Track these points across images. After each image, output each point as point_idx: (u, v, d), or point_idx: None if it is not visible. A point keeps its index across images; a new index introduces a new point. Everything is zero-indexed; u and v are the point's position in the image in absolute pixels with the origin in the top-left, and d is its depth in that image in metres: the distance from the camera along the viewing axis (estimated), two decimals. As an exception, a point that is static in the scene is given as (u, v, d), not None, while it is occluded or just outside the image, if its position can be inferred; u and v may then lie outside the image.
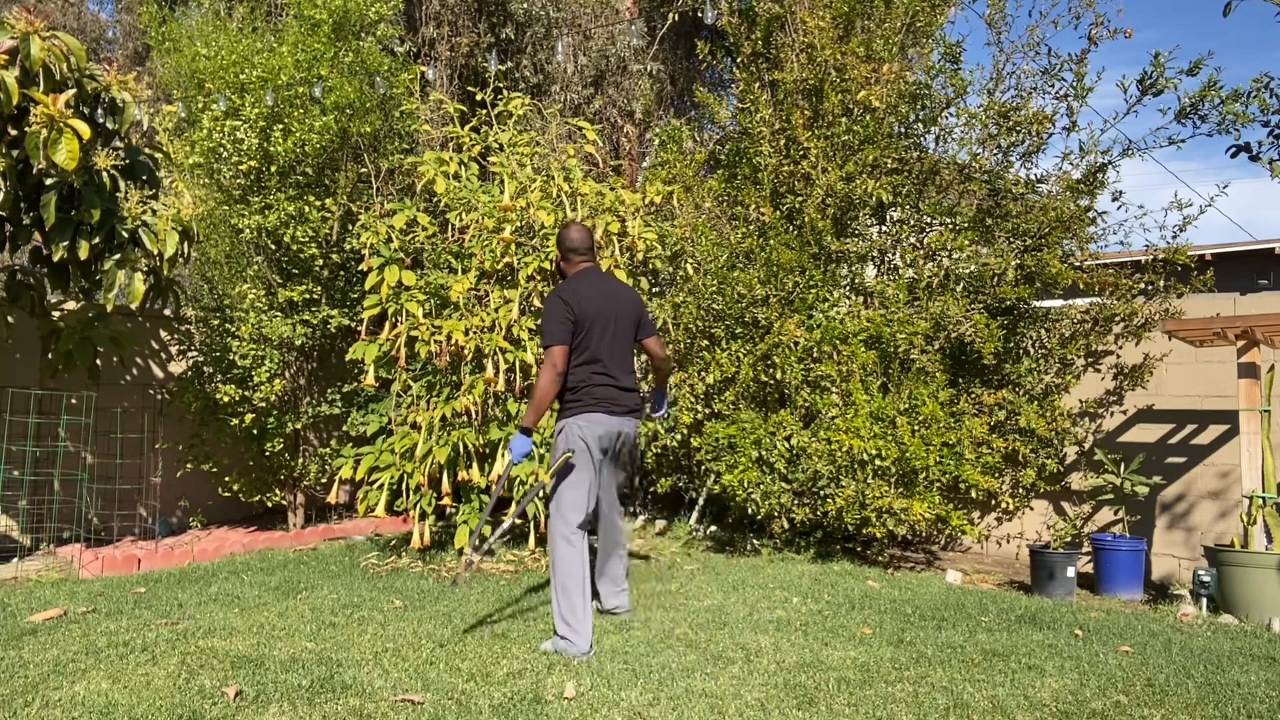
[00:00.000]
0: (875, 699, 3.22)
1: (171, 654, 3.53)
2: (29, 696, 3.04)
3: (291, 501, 6.95)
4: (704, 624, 4.23)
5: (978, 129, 6.52)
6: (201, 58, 6.47)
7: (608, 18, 11.14)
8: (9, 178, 5.01)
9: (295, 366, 6.81)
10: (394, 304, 5.63)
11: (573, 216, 5.81)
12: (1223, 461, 5.96)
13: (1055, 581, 5.41)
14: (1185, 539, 6.07)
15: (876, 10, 6.70)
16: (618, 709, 3.07)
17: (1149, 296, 6.41)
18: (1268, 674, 3.61)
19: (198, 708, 2.98)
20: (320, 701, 3.07)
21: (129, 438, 6.45)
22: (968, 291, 6.42)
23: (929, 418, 5.82)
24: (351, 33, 6.69)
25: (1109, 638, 4.23)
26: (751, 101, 6.86)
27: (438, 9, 10.20)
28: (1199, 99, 5.98)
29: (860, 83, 6.39)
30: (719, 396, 6.39)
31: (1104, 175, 6.34)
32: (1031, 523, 6.63)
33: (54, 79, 4.98)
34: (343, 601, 4.52)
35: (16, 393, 6.00)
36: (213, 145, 6.32)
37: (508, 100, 6.30)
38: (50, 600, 4.52)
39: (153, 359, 7.08)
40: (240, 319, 6.42)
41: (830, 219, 6.41)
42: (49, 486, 6.09)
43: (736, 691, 3.26)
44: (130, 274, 5.49)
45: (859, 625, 4.30)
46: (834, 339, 6.05)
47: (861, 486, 5.74)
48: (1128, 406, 6.39)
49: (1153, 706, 3.19)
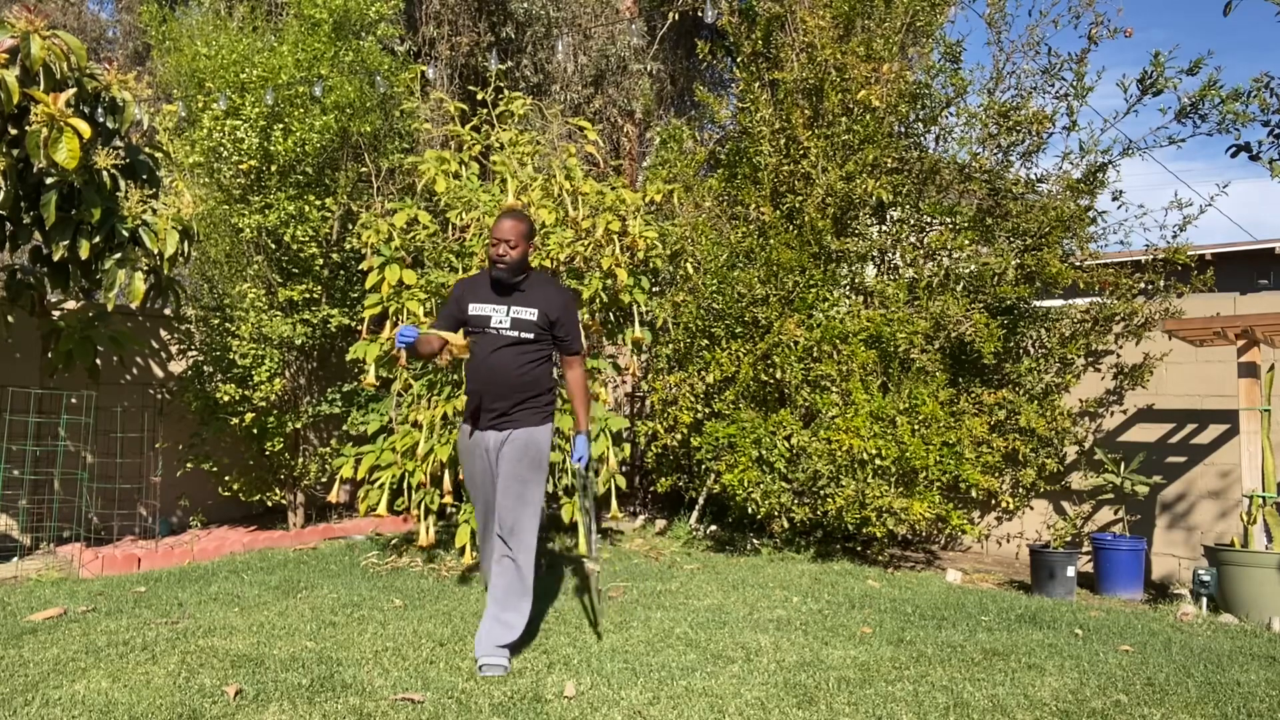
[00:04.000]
0: (875, 698, 3.22)
1: (171, 653, 3.53)
2: (29, 695, 3.04)
3: (292, 501, 6.95)
4: (704, 623, 4.23)
5: (978, 128, 6.52)
6: (202, 57, 6.47)
7: (608, 17, 11.14)
8: (9, 177, 5.00)
9: (295, 366, 6.81)
10: (395, 303, 5.62)
11: (574, 215, 5.81)
12: (1223, 461, 5.96)
13: (1055, 581, 5.41)
14: (1185, 538, 6.07)
15: (876, 10, 6.70)
16: (618, 708, 3.07)
17: (1149, 296, 6.41)
18: (1268, 673, 3.61)
19: (198, 706, 2.98)
20: (320, 700, 3.07)
21: (129, 437, 6.45)
22: (968, 291, 6.42)
23: (929, 417, 5.82)
24: (352, 32, 6.69)
25: (1109, 637, 4.23)
26: (751, 101, 6.86)
27: (438, 8, 10.20)
28: (1199, 98, 5.98)
29: (860, 82, 6.39)
30: (719, 396, 6.39)
31: (1104, 175, 6.34)
32: (1031, 522, 6.63)
33: (54, 78, 4.98)
34: (343, 600, 4.52)
35: (16, 392, 6.00)
36: (213, 144, 6.32)
37: (508, 100, 6.29)
38: (50, 599, 4.52)
39: (153, 358, 7.08)
40: (240, 318, 6.41)
41: (830, 218, 6.41)
42: (49, 486, 6.08)
43: (736, 690, 3.26)
44: (130, 273, 5.48)
45: (859, 624, 4.30)
46: (834, 338, 6.04)
47: (861, 486, 5.74)
48: (1128, 406, 6.39)
49: (1153, 706, 3.19)
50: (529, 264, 3.79)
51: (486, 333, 3.67)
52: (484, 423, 3.68)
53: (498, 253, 3.65)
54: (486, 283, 3.75)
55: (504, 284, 3.70)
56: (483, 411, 3.67)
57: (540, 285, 3.78)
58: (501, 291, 3.71)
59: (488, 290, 3.73)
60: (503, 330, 3.66)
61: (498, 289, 3.71)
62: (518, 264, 3.67)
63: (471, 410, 3.73)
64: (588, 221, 5.78)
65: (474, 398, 3.70)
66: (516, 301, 3.68)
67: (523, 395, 3.66)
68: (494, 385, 3.64)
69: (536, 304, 3.68)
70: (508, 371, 3.64)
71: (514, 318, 3.66)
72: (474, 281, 3.85)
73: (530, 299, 3.70)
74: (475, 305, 3.71)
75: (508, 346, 3.65)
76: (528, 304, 3.68)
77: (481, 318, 3.69)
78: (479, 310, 3.70)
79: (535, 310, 3.67)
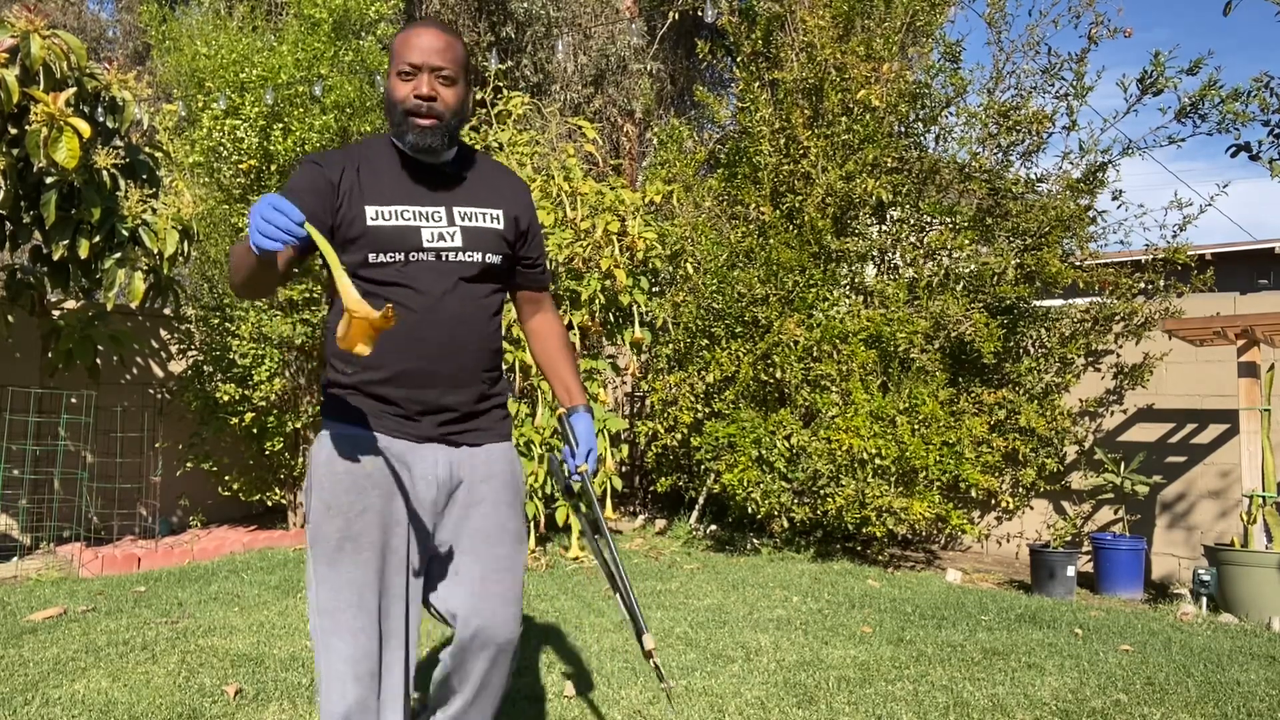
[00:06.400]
0: (875, 697, 3.22)
1: (171, 652, 3.53)
2: (29, 694, 3.04)
3: (292, 500, 6.95)
4: (704, 623, 4.23)
5: (978, 128, 6.52)
6: (202, 57, 6.47)
7: (608, 17, 11.14)
8: (9, 176, 5.00)
9: (295, 365, 6.81)
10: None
11: (572, 216, 5.81)
12: (1223, 461, 5.96)
13: (1055, 580, 5.41)
14: (1185, 538, 6.07)
15: (876, 10, 6.70)
16: (617, 708, 3.07)
17: (1149, 296, 6.41)
18: (1268, 673, 3.61)
19: (197, 706, 2.98)
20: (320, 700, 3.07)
21: (129, 437, 6.45)
22: (968, 291, 6.42)
23: (929, 417, 5.82)
24: (351, 31, 6.69)
25: (1109, 637, 4.23)
26: (751, 101, 6.86)
27: (438, 8, 10.20)
28: (1199, 98, 5.98)
29: (860, 82, 6.39)
30: (719, 396, 6.39)
31: (1104, 174, 6.34)
32: (1031, 522, 6.63)
33: (54, 77, 4.98)
34: (343, 600, 4.52)
35: (17, 391, 5.99)
36: (213, 144, 6.32)
37: (508, 99, 6.30)
38: (50, 599, 4.52)
39: (153, 358, 7.08)
40: (240, 318, 6.42)
41: (830, 218, 6.41)
42: (49, 485, 6.08)
43: (736, 690, 3.26)
44: (130, 273, 5.48)
45: (859, 624, 4.30)
46: (834, 338, 6.04)
47: (861, 486, 5.74)
48: (1128, 406, 6.39)
49: (1152, 705, 3.19)
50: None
51: (416, 260, 1.91)
52: (416, 429, 1.94)
53: (421, 93, 1.87)
54: (394, 165, 1.96)
55: (434, 166, 1.97)
56: (411, 405, 1.93)
57: (487, 170, 2.08)
58: (433, 181, 1.97)
59: (400, 179, 1.95)
60: (449, 254, 1.93)
61: (423, 175, 1.96)
62: (455, 122, 1.92)
63: (372, 398, 1.94)
64: (587, 222, 5.78)
65: (395, 379, 1.92)
66: (462, 199, 1.98)
67: (493, 377, 2.03)
68: (446, 359, 1.93)
69: (496, 201, 2.02)
70: (469, 331, 1.96)
71: (464, 228, 1.95)
72: (360, 158, 1.95)
73: (483, 193, 2.02)
74: (383, 207, 1.90)
75: (465, 284, 1.95)
76: (482, 202, 2.00)
77: (402, 232, 1.90)
78: (395, 218, 1.90)
79: (498, 213, 2.01)
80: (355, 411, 1.94)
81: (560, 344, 2.22)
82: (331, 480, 1.91)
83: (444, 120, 1.91)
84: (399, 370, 1.92)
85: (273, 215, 1.56)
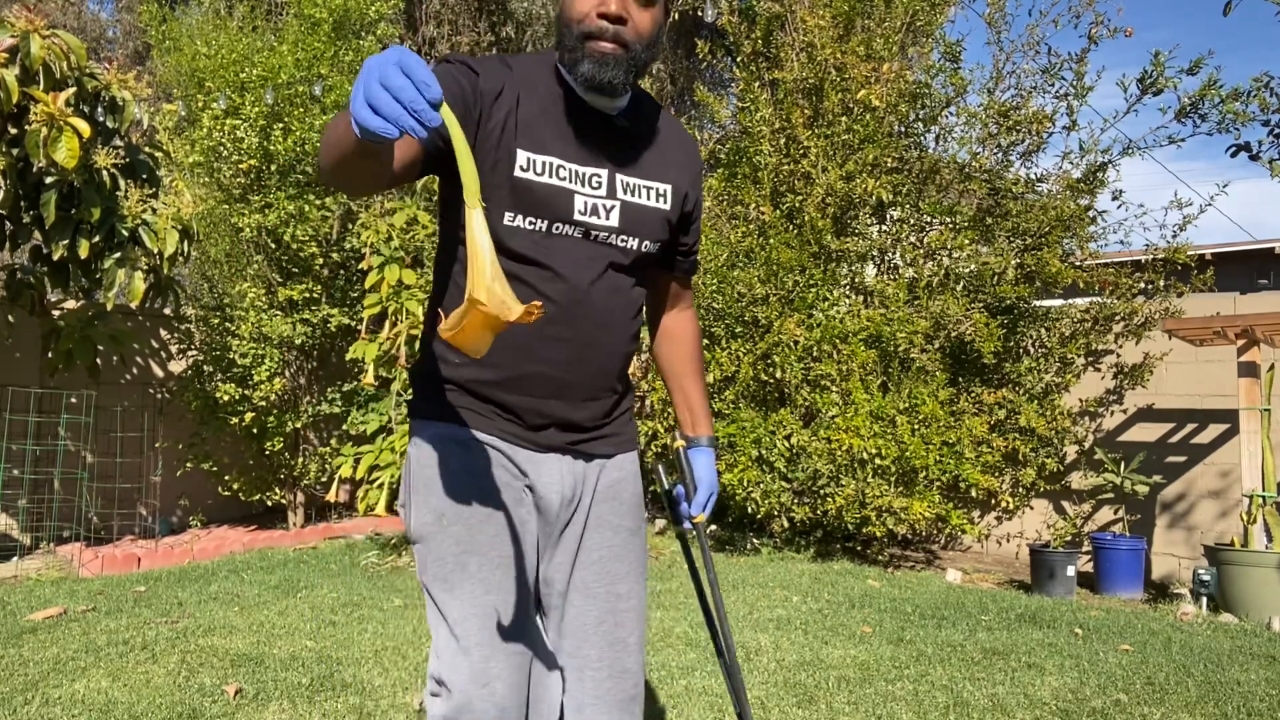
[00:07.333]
0: (875, 697, 3.22)
1: (171, 652, 3.53)
2: (29, 694, 3.04)
3: (291, 500, 6.95)
4: (704, 622, 4.22)
5: (978, 128, 6.52)
6: (202, 56, 6.47)
7: (608, 17, 11.13)
8: (9, 176, 5.01)
9: (295, 365, 6.81)
10: (394, 303, 5.62)
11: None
12: (1223, 460, 5.96)
13: (1055, 580, 5.41)
14: (1185, 538, 6.07)
15: (876, 9, 6.70)
16: None
17: (1149, 296, 6.41)
18: (1267, 673, 3.61)
19: (197, 705, 2.98)
20: (320, 699, 3.07)
21: (129, 436, 6.45)
22: (968, 291, 6.42)
23: (929, 417, 5.82)
24: (352, 31, 6.69)
25: (1109, 636, 4.23)
26: (751, 100, 6.86)
27: (438, 8, 10.20)
28: (1199, 98, 5.98)
29: (860, 82, 6.39)
30: (719, 395, 6.39)
31: (1104, 174, 6.34)
32: (1031, 522, 6.63)
33: (54, 77, 4.98)
34: (343, 600, 4.52)
35: (17, 391, 5.99)
36: (213, 144, 6.32)
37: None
38: (50, 599, 4.52)
39: (153, 358, 7.08)
40: (240, 318, 6.42)
41: (830, 218, 6.41)
42: (49, 485, 6.08)
43: (736, 690, 3.26)
44: (130, 273, 5.48)
45: (859, 624, 4.30)
46: (834, 338, 6.04)
47: (861, 485, 5.74)
48: (1128, 406, 6.39)
49: (1152, 705, 3.19)
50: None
51: (560, 234, 1.50)
52: (538, 439, 1.56)
53: (608, 11, 1.44)
54: (556, 101, 1.52)
55: (602, 114, 1.54)
56: (532, 416, 1.55)
57: (661, 127, 1.65)
58: (598, 134, 1.53)
59: (560, 124, 1.51)
60: (600, 234, 1.53)
61: (586, 123, 1.53)
62: (646, 55, 1.49)
63: (481, 399, 1.54)
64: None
65: (514, 383, 1.54)
66: (628, 165, 1.56)
67: (623, 384, 1.66)
68: (581, 366, 1.55)
69: (666, 173, 1.61)
70: (610, 335, 1.58)
71: (625, 203, 1.55)
72: (521, 81, 1.50)
73: (653, 159, 1.60)
74: (537, 156, 1.48)
75: (614, 272, 1.56)
76: (650, 173, 1.59)
77: (554, 192, 1.49)
78: (548, 174, 1.48)
79: (666, 189, 1.61)
80: (462, 411, 1.53)
81: (694, 353, 1.85)
82: (447, 480, 1.50)
83: (632, 51, 1.46)
84: (521, 374, 1.51)
85: (396, 80, 1.02)
